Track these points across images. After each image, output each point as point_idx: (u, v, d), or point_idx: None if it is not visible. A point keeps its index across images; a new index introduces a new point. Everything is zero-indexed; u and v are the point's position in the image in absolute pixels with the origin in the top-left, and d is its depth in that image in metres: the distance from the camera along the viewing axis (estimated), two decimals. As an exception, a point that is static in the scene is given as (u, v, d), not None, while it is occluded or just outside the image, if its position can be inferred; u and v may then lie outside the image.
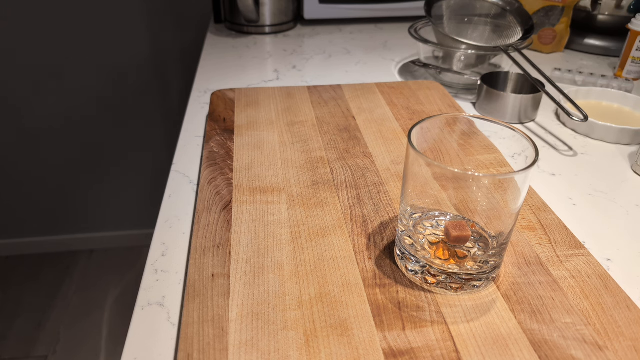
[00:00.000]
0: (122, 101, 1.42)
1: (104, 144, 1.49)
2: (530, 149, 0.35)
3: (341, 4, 1.06)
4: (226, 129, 0.60)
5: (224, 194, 0.48)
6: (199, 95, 0.75)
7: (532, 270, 0.40)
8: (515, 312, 0.36)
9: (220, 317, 0.35)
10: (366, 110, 0.65)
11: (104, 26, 1.29)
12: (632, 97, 0.70)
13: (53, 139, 1.44)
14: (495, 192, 0.36)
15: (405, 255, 0.39)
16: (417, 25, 0.83)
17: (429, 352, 0.33)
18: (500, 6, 0.81)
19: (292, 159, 0.54)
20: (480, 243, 0.38)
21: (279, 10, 1.02)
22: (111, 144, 1.49)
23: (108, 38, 1.31)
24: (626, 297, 0.37)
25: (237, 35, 1.03)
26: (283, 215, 0.45)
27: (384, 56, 0.93)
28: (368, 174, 0.52)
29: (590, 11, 0.92)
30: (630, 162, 0.59)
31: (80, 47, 1.30)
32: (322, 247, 0.42)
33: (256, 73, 0.84)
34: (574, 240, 0.43)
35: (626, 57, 0.82)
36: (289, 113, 0.64)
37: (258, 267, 0.39)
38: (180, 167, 0.56)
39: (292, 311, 0.36)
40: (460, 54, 0.77)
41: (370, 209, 0.47)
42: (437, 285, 0.38)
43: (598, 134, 0.64)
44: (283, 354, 0.32)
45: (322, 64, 0.88)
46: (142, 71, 1.37)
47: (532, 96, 0.67)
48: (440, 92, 0.70)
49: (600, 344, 0.34)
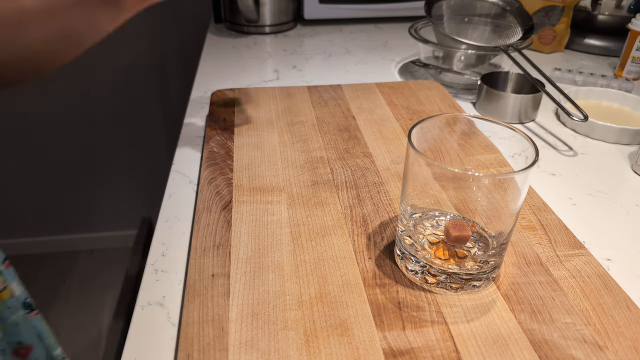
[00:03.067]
0: (122, 101, 1.42)
1: (104, 143, 1.49)
2: (530, 149, 0.35)
3: (341, 4, 1.06)
4: (226, 129, 0.60)
5: (224, 193, 0.48)
6: (199, 95, 0.75)
7: (532, 270, 0.40)
8: (515, 312, 0.36)
9: (220, 317, 0.35)
10: (366, 110, 0.65)
11: (104, 26, 1.29)
12: (632, 97, 0.70)
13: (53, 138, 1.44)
14: (495, 192, 0.36)
15: (405, 255, 0.39)
16: (417, 25, 0.83)
17: (429, 352, 0.33)
18: (500, 6, 0.81)
19: (292, 159, 0.54)
20: (480, 243, 0.38)
21: (279, 10, 1.02)
22: (111, 144, 1.49)
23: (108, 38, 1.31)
24: (626, 297, 0.37)
25: (237, 35, 1.03)
26: (283, 215, 0.45)
27: (384, 56, 0.93)
28: (368, 174, 0.52)
29: (590, 11, 0.92)
30: (630, 162, 0.59)
31: (80, 47, 1.30)
32: (322, 247, 0.42)
33: (256, 73, 0.84)
34: (574, 240, 0.43)
35: (626, 57, 0.82)
36: (289, 113, 0.64)
37: (258, 267, 0.39)
38: (180, 167, 0.56)
39: (292, 311, 0.36)
40: (460, 54, 0.77)
41: (370, 209, 0.47)
42: (437, 285, 0.38)
43: (598, 134, 0.64)
44: (283, 354, 0.32)
45: (322, 64, 0.88)
46: (142, 71, 1.37)
47: (532, 96, 0.67)
48: (440, 92, 0.70)
49: (600, 344, 0.34)
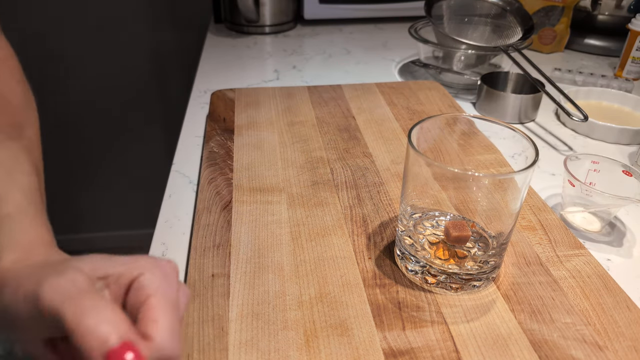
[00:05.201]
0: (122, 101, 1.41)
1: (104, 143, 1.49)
2: (530, 149, 0.35)
3: (341, 4, 1.06)
4: (226, 129, 0.60)
5: (224, 194, 0.48)
6: (199, 95, 0.75)
7: (532, 270, 0.40)
8: (515, 312, 0.36)
9: (220, 317, 0.35)
10: (366, 110, 0.65)
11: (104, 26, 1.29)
12: (632, 97, 0.70)
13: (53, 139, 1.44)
14: (495, 192, 0.36)
15: (405, 255, 0.39)
16: (417, 25, 0.83)
17: (429, 352, 0.33)
18: (500, 6, 0.81)
19: (292, 159, 0.54)
20: (480, 243, 0.38)
21: (279, 10, 1.02)
22: (111, 144, 1.49)
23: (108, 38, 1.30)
24: (626, 297, 0.37)
25: (237, 35, 1.03)
26: (283, 215, 0.45)
27: (384, 56, 0.93)
28: (368, 174, 0.52)
29: (590, 11, 0.92)
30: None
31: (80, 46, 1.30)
32: (322, 247, 0.42)
33: (256, 73, 0.84)
34: (574, 240, 0.43)
35: (626, 57, 0.82)
36: (289, 113, 0.64)
37: (258, 267, 0.39)
38: (180, 167, 0.56)
39: (292, 311, 0.36)
40: (460, 54, 0.77)
41: (370, 209, 0.47)
42: (437, 285, 0.38)
43: (598, 134, 0.64)
44: (283, 354, 0.32)
45: (322, 64, 0.88)
46: (142, 71, 1.37)
47: (532, 96, 0.67)
48: (440, 92, 0.70)
49: (600, 344, 0.34)
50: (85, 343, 0.21)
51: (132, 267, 0.25)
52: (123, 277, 0.24)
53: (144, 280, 0.24)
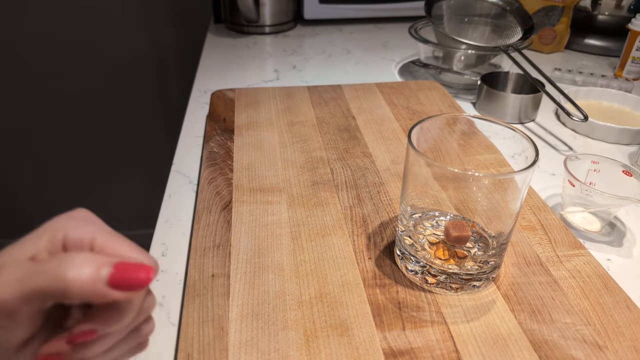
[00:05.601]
0: (122, 101, 1.41)
1: (104, 144, 1.48)
2: (530, 149, 0.35)
3: (341, 4, 1.06)
4: (226, 129, 0.60)
5: (224, 194, 0.48)
6: (199, 95, 0.75)
7: (532, 270, 0.40)
8: (515, 312, 0.36)
9: (220, 317, 0.35)
10: (366, 110, 0.65)
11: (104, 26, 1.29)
12: (632, 97, 0.70)
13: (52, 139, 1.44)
14: (495, 192, 0.36)
15: (405, 255, 0.39)
16: (417, 25, 0.83)
17: (429, 352, 0.33)
18: (500, 6, 0.81)
19: (292, 159, 0.54)
20: (480, 243, 0.38)
21: (279, 10, 1.02)
22: (111, 144, 1.49)
23: (108, 38, 1.30)
24: (626, 297, 0.37)
25: (237, 35, 1.03)
26: (283, 215, 0.45)
27: (384, 56, 0.93)
28: (368, 174, 0.52)
29: (590, 11, 0.92)
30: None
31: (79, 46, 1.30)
32: (322, 247, 0.42)
33: (256, 73, 0.84)
34: (574, 240, 0.43)
35: (626, 57, 0.82)
36: (289, 113, 0.64)
37: (258, 267, 0.39)
38: (180, 167, 0.56)
39: (292, 311, 0.36)
40: (460, 54, 0.77)
41: (370, 209, 0.47)
42: (437, 285, 0.38)
43: (598, 134, 0.64)
44: (283, 354, 0.32)
45: (322, 64, 0.88)
46: (142, 71, 1.37)
47: (532, 96, 0.67)
48: (440, 92, 0.70)
49: (600, 344, 0.34)
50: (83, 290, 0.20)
51: (52, 234, 0.23)
52: (52, 245, 0.23)
53: (73, 234, 0.23)
